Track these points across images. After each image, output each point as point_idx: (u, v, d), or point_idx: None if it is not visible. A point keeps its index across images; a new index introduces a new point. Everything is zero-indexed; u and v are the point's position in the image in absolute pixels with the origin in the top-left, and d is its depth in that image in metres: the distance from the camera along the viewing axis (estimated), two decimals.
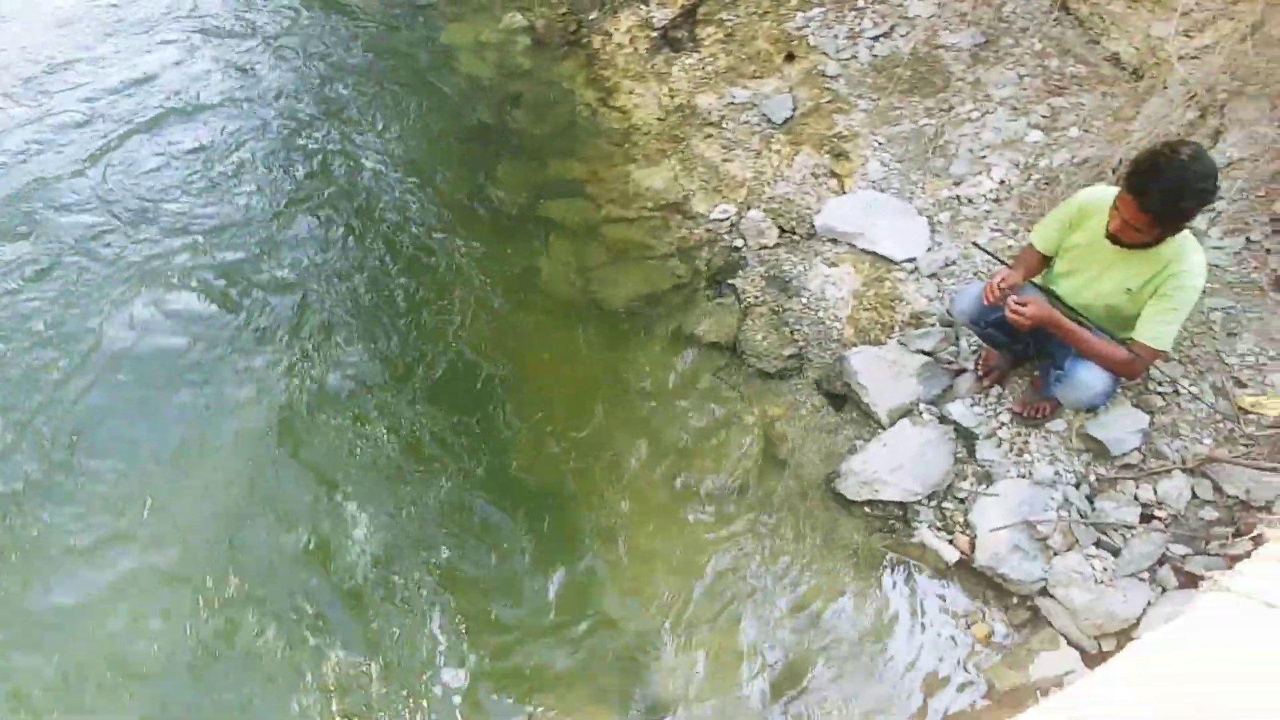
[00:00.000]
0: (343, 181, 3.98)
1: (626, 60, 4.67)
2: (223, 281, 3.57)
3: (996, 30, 4.01)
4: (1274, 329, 3.06)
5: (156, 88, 4.42)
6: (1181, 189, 2.24)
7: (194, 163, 4.04)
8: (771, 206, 3.84)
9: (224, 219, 3.81)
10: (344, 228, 3.79)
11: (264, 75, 4.52)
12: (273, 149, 4.12)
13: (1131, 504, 2.80)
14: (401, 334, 3.43)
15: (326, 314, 3.47)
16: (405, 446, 3.12)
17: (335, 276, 3.61)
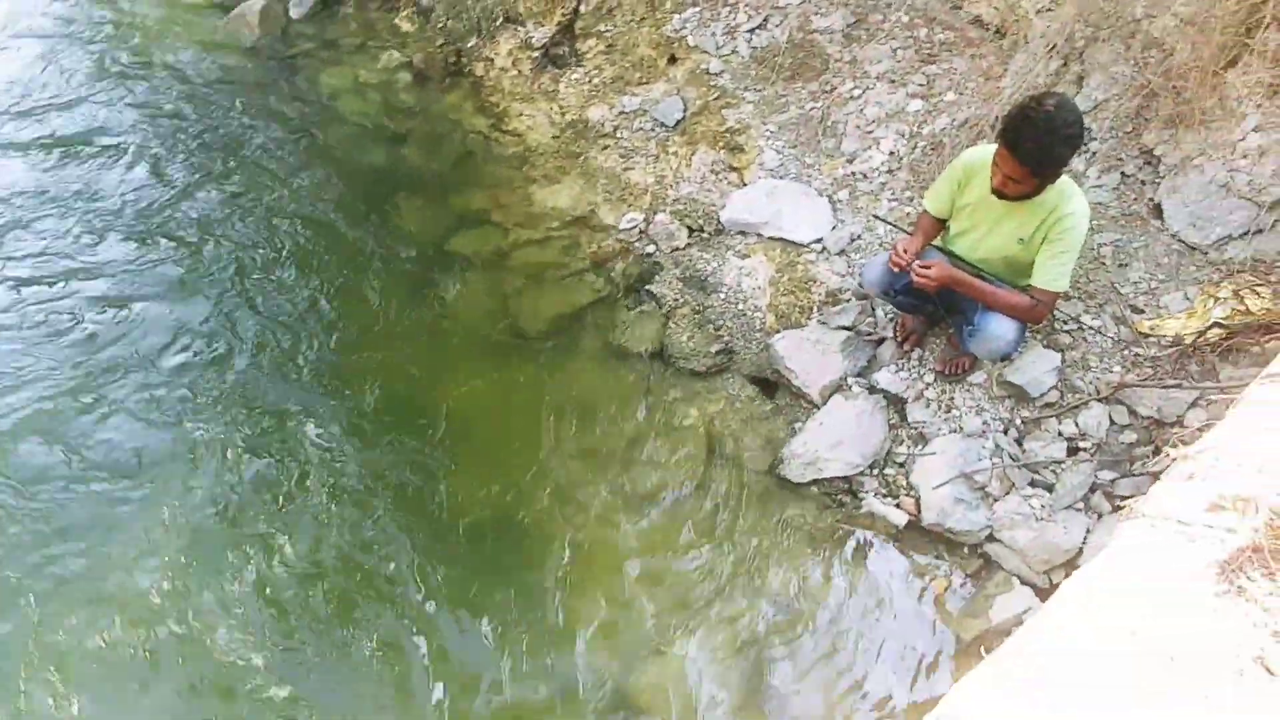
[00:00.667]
0: (236, 243, 3.84)
1: (512, 83, 4.66)
2: (129, 349, 3.43)
3: (865, 8, 4.15)
4: (1159, 254, 3.25)
5: (24, 164, 4.19)
6: (1052, 138, 2.36)
7: (76, 237, 3.84)
8: (677, 208, 3.89)
9: (122, 292, 3.64)
10: (243, 290, 3.65)
11: (139, 145, 4.31)
12: (155, 221, 3.93)
13: (1057, 440, 2.93)
14: (322, 391, 3.34)
15: (240, 376, 3.36)
16: (339, 497, 3.04)
17: (244, 339, 3.48)
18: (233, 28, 5.10)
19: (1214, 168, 3.16)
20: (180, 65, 4.85)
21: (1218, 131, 3.18)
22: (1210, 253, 3.17)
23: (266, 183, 4.14)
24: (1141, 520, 1.61)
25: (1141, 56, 3.38)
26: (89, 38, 5.03)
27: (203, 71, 4.81)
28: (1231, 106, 3.16)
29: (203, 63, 4.86)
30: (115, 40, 5.01)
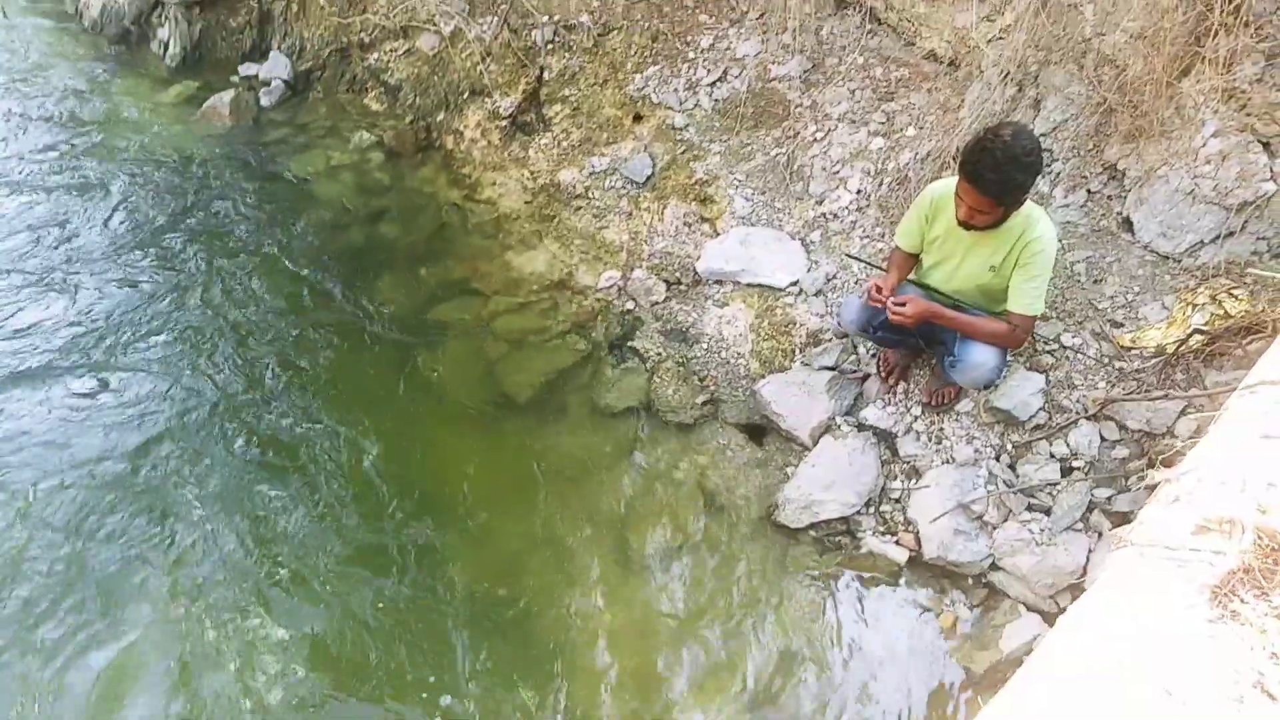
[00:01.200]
0: (216, 332, 3.82)
1: (482, 153, 4.75)
2: (106, 434, 3.39)
3: (820, 54, 4.25)
4: (1133, 267, 3.27)
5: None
6: (1011, 167, 2.40)
7: (57, 331, 3.82)
8: (653, 263, 3.93)
9: (99, 376, 3.61)
10: (227, 377, 3.63)
11: (114, 234, 4.33)
12: (132, 313, 3.89)
13: (1050, 462, 2.92)
14: (313, 474, 3.31)
15: (230, 469, 3.31)
16: (322, 576, 2.98)
17: (228, 428, 3.46)
18: (206, 119, 5.19)
19: (1178, 176, 3.19)
20: (155, 157, 4.91)
21: (1178, 140, 3.22)
22: (1184, 260, 3.19)
23: (242, 268, 4.16)
24: (1130, 549, 1.59)
25: (1095, 75, 3.44)
26: (69, 129, 5.12)
27: (178, 162, 4.87)
28: (1189, 115, 3.20)
29: (177, 154, 4.92)
30: (94, 133, 5.09)
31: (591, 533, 3.13)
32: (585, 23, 4.79)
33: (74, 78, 5.56)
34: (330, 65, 5.47)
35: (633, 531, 3.12)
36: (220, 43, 5.72)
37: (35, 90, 5.43)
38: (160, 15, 5.79)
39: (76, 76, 5.58)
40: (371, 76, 5.31)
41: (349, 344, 3.80)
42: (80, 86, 5.48)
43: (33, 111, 5.24)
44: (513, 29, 4.93)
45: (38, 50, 5.86)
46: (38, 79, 5.53)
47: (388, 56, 5.25)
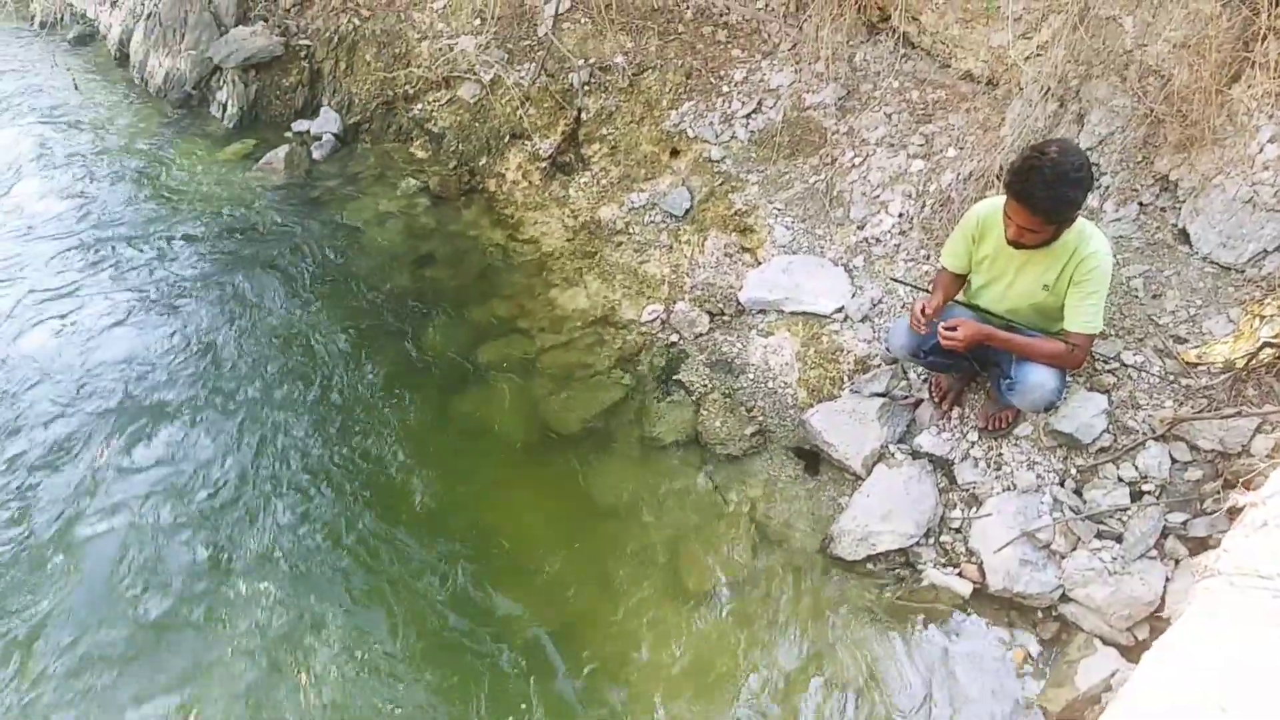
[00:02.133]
0: (273, 374, 3.93)
1: (524, 194, 4.84)
2: (165, 471, 3.49)
3: (854, 80, 4.25)
4: (1193, 280, 3.16)
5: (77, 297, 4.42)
6: (1061, 184, 2.35)
7: (119, 366, 3.98)
8: (696, 295, 3.93)
9: (164, 419, 3.73)
10: (280, 413, 3.72)
11: (172, 292, 4.50)
12: (190, 353, 4.05)
13: (1118, 486, 2.80)
14: (361, 511, 3.34)
15: (285, 509, 3.37)
16: (391, 616, 3.00)
17: (283, 466, 3.52)
18: (262, 174, 5.41)
19: (1235, 184, 3.10)
20: (213, 209, 5.13)
21: (1232, 148, 3.13)
22: (1247, 270, 3.08)
23: (296, 313, 4.30)
24: (1218, 578, 1.50)
25: (1140, 86, 3.37)
26: (136, 186, 5.39)
27: (234, 213, 5.08)
28: (1242, 121, 3.12)
29: (234, 205, 5.14)
30: (158, 188, 5.35)
31: (643, 568, 3.09)
32: (620, 63, 4.87)
33: (140, 139, 5.86)
34: (377, 117, 5.66)
35: (684, 566, 3.08)
36: (275, 102, 5.97)
37: (104, 152, 5.74)
38: (219, 79, 6.08)
39: (142, 138, 5.88)
40: (416, 126, 5.48)
41: (399, 384, 3.86)
42: (145, 147, 5.77)
43: (102, 171, 5.54)
44: (550, 74, 5.05)
45: (106, 116, 6.20)
46: (106, 142, 5.85)
47: (431, 106, 5.41)
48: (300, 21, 6.04)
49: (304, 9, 6.07)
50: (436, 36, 5.49)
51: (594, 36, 5.03)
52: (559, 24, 5.16)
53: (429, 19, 5.59)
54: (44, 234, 4.94)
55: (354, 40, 5.80)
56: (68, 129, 6.03)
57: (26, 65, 7.09)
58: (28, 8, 6.52)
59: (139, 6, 6.70)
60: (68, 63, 7.04)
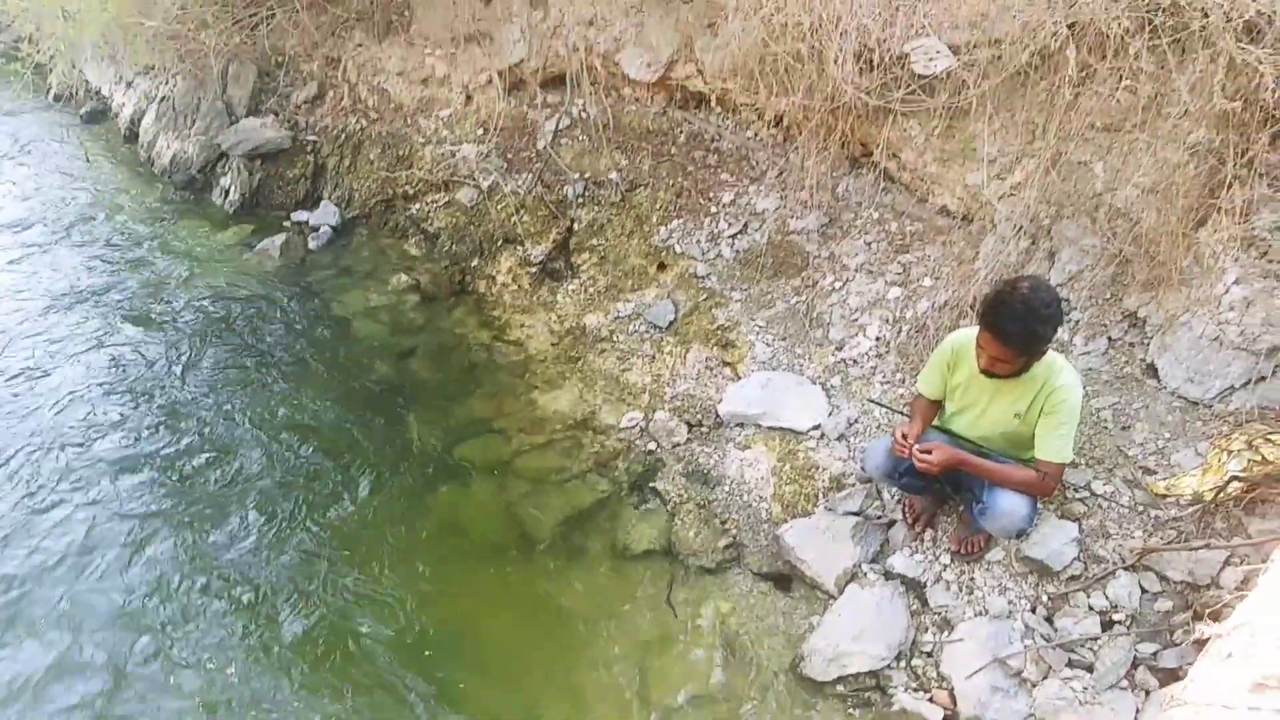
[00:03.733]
0: (251, 459, 3.90)
1: (512, 297, 4.94)
2: (138, 571, 3.38)
3: (836, 209, 4.46)
4: (1161, 413, 3.24)
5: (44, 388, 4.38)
6: (1032, 319, 2.44)
7: (92, 460, 3.91)
8: (675, 405, 3.97)
9: (136, 511, 3.66)
10: (254, 505, 3.66)
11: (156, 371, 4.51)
12: (167, 441, 4.02)
13: (1089, 615, 2.78)
14: (329, 609, 3.24)
15: (249, 595, 3.29)
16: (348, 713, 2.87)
17: (246, 550, 3.45)
18: (257, 259, 5.51)
19: (1202, 323, 3.19)
20: (206, 291, 5.20)
21: (1198, 288, 3.24)
22: (1215, 406, 3.15)
23: (277, 399, 4.29)
24: (1186, 708, 1.49)
25: (1109, 227, 3.52)
26: (131, 263, 5.47)
27: (226, 298, 5.14)
28: (1208, 263, 3.23)
29: (228, 291, 5.20)
30: (152, 268, 5.43)
31: (611, 679, 2.99)
32: (614, 179, 5.10)
33: (141, 217, 6.00)
34: (375, 213, 5.84)
35: (653, 679, 2.98)
36: (277, 191, 6.15)
37: (105, 226, 5.86)
38: (224, 165, 6.28)
39: (143, 216, 6.02)
40: (413, 224, 5.64)
41: (374, 477, 3.82)
42: (146, 225, 5.90)
43: (100, 245, 5.64)
44: (546, 184, 5.27)
45: (111, 192, 6.36)
46: (109, 217, 5.98)
47: (429, 207, 5.60)
48: (310, 118, 6.30)
49: (315, 107, 6.35)
50: (440, 142, 5.74)
51: (590, 153, 5.29)
52: (558, 139, 5.42)
53: (434, 125, 5.86)
54: (30, 300, 4.99)
55: (360, 140, 6.05)
56: (72, 201, 6.16)
57: (39, 136, 7.32)
58: (45, 81, 6.78)
59: (154, 89, 6.99)
60: (79, 137, 7.27)
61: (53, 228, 5.81)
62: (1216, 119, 3.15)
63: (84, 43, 6.33)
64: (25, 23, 6.16)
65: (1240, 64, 3.03)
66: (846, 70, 3.88)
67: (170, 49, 6.29)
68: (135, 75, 7.29)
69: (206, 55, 6.22)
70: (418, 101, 6.02)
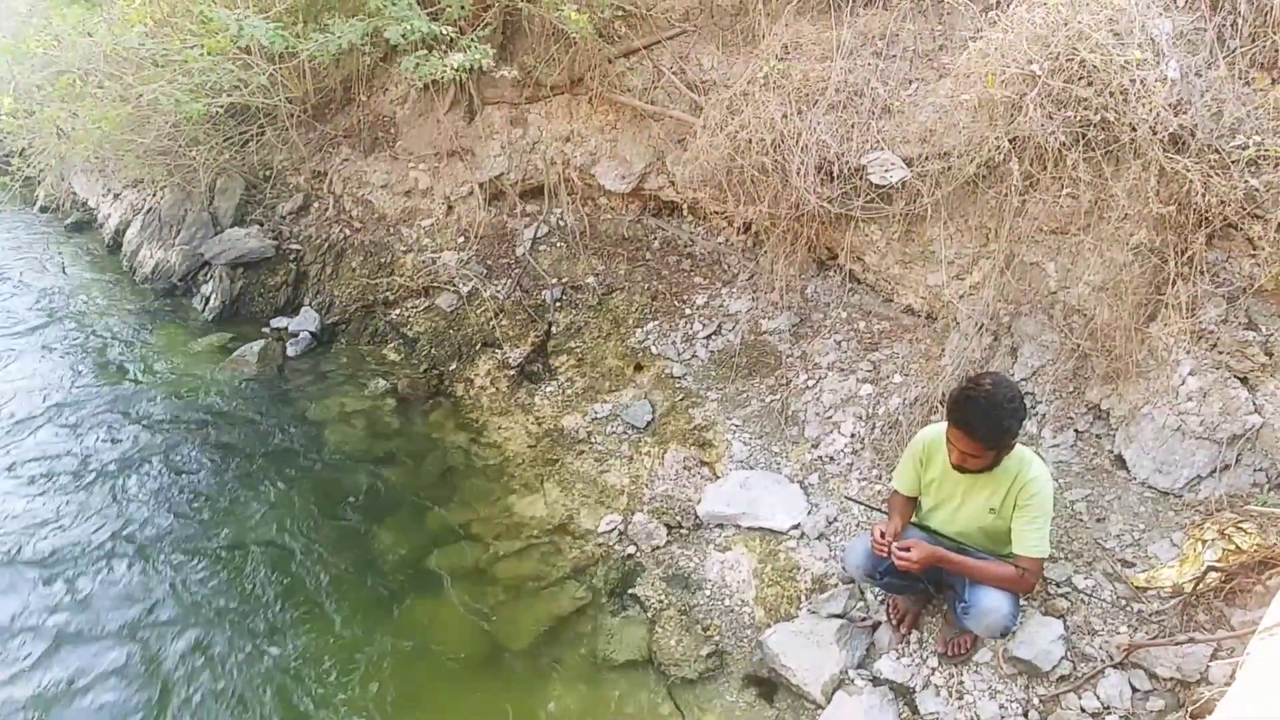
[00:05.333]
0: (215, 569, 3.79)
1: (490, 400, 4.96)
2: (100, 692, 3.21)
3: (806, 309, 4.59)
4: (1134, 504, 3.26)
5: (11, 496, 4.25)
6: (998, 413, 2.51)
7: (56, 573, 3.78)
8: (654, 506, 3.95)
9: (96, 631, 3.50)
10: (217, 616, 3.53)
11: (127, 476, 4.42)
12: (134, 547, 3.91)
13: (1082, 717, 2.71)
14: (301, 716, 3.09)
15: (214, 708, 3.13)
16: None
17: (216, 663, 3.30)
18: (235, 366, 5.50)
19: (1163, 414, 3.27)
20: (181, 398, 5.17)
21: (1156, 380, 3.33)
22: (1185, 495, 3.19)
23: (245, 510, 4.19)
24: None
25: (1065, 323, 3.65)
26: (107, 371, 5.45)
27: (204, 408, 5.10)
28: (1162, 356, 3.33)
29: (203, 398, 5.18)
30: (128, 376, 5.41)
31: None
32: (591, 284, 5.23)
33: (119, 325, 6.03)
34: (355, 319, 5.91)
35: None
36: (257, 298, 6.23)
37: (83, 335, 5.88)
38: (206, 274, 6.37)
39: (122, 324, 6.05)
40: (392, 329, 5.71)
41: (346, 586, 3.72)
42: (123, 333, 5.93)
43: (75, 351, 5.65)
44: (525, 289, 5.39)
45: (90, 299, 6.40)
46: (87, 325, 6.00)
47: (409, 312, 5.68)
48: (294, 228, 6.46)
49: (300, 217, 6.52)
50: (421, 250, 5.89)
51: (568, 259, 5.44)
52: (536, 246, 5.59)
53: (416, 234, 6.02)
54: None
55: (343, 248, 6.18)
56: (52, 309, 6.19)
57: (23, 246, 7.41)
58: (33, 192, 6.96)
59: (140, 201, 7.15)
60: (61, 248, 7.37)
61: (28, 331, 5.82)
62: (1155, 221, 3.32)
63: (75, 157, 6.51)
64: (18, 139, 6.34)
65: (1170, 172, 3.23)
66: (809, 181, 4.09)
67: (160, 164, 6.49)
68: (123, 188, 7.49)
69: (195, 170, 6.42)
70: (401, 212, 6.21)
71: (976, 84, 3.68)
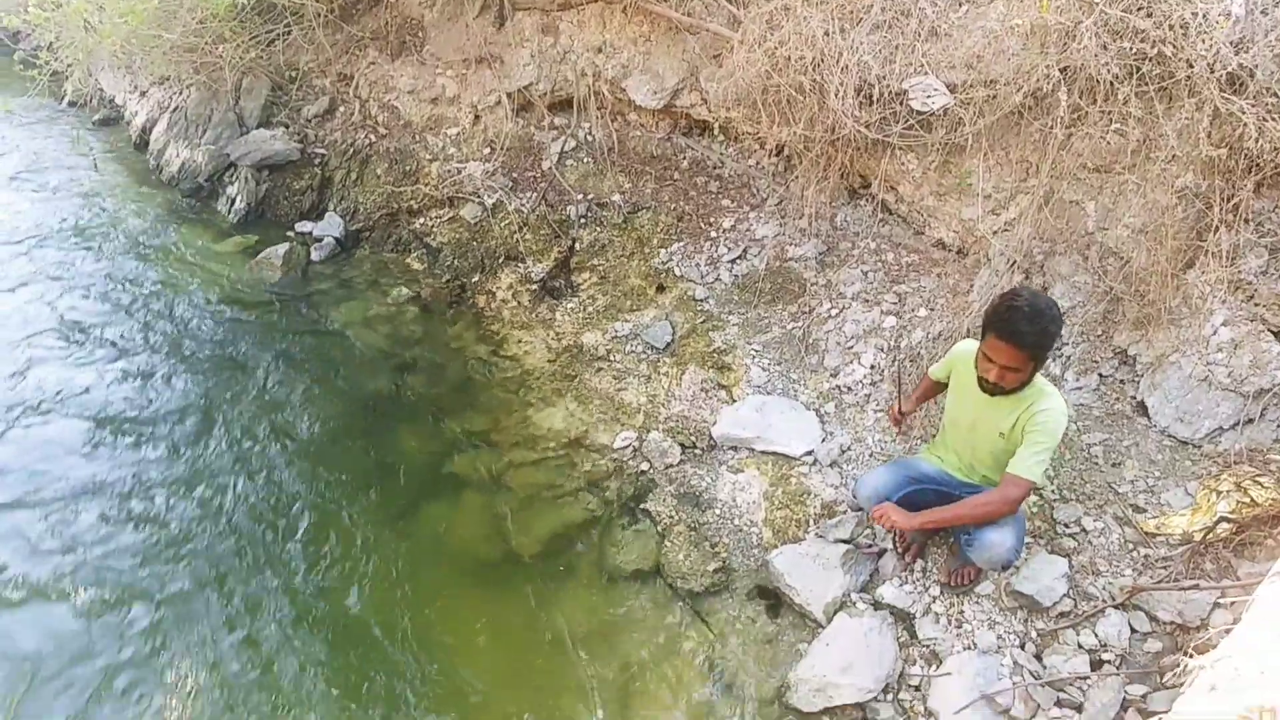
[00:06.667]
0: (238, 467, 3.90)
1: (511, 313, 4.97)
2: (113, 570, 3.37)
3: (835, 238, 4.51)
4: (1151, 451, 3.25)
5: (41, 389, 4.38)
6: (1042, 320, 2.46)
7: (87, 460, 3.92)
8: (670, 426, 3.98)
9: (120, 514, 3.64)
10: (241, 513, 3.65)
11: (154, 375, 4.52)
12: (161, 445, 4.02)
13: (1078, 653, 2.77)
14: (313, 622, 3.22)
15: (229, 610, 3.25)
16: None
17: (234, 565, 3.43)
18: (259, 269, 5.54)
19: (1190, 363, 3.23)
20: (205, 299, 5.23)
21: (1187, 328, 3.29)
22: (1204, 446, 3.17)
23: (269, 408, 4.29)
24: None
25: (1100, 265, 3.58)
26: (134, 268, 5.51)
27: (225, 305, 5.17)
28: (1196, 304, 3.28)
29: (230, 301, 5.24)
30: (155, 274, 5.47)
31: (593, 702, 2.96)
32: (617, 202, 5.15)
33: (145, 224, 6.04)
34: (379, 227, 5.88)
35: (636, 704, 2.95)
36: (282, 202, 6.20)
37: (110, 233, 5.90)
38: (231, 175, 6.33)
39: (148, 223, 6.06)
40: (416, 239, 5.68)
41: (364, 487, 3.82)
42: (150, 232, 5.94)
43: (105, 250, 5.68)
44: (550, 204, 5.32)
45: (117, 197, 6.40)
46: (114, 223, 6.02)
47: (432, 222, 5.64)
48: (320, 132, 6.37)
49: (325, 121, 6.43)
50: (447, 159, 5.80)
51: (594, 174, 5.35)
52: (563, 160, 5.49)
53: (442, 143, 5.93)
54: (29, 302, 5.02)
55: (368, 154, 6.11)
56: (79, 206, 6.21)
57: (50, 140, 7.39)
58: (60, 87, 6.90)
59: (167, 99, 7.07)
60: (89, 143, 7.35)
61: (56, 229, 5.86)
62: (1203, 164, 3.20)
63: (102, 52, 6.41)
64: (46, 32, 6.24)
65: (1225, 113, 3.09)
66: (847, 104, 3.94)
67: (186, 61, 6.38)
68: (150, 85, 7.39)
69: (222, 68, 6.31)
70: (427, 119, 6.10)
71: (1031, 9, 3.51)
